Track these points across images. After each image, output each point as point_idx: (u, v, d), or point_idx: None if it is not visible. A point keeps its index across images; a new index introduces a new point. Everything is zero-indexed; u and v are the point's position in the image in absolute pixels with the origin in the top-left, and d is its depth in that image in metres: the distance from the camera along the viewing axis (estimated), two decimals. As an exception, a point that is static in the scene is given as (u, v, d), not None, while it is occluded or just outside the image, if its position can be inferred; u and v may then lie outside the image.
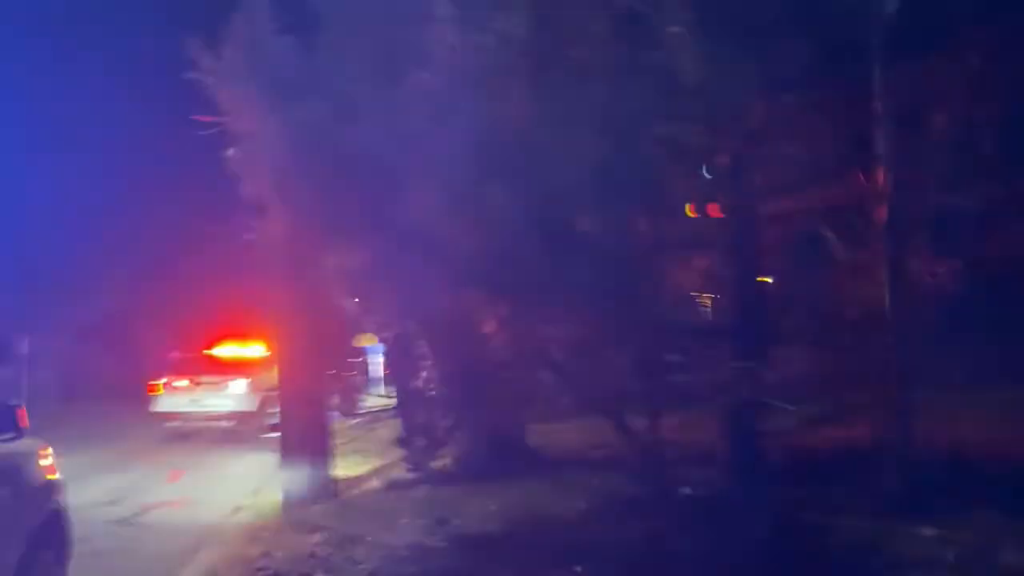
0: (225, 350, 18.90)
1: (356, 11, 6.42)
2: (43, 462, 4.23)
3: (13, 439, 3.58)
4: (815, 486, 6.19)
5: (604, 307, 6.08)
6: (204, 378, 17.53)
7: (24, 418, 3.62)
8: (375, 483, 8.61)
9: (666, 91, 5.99)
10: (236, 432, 17.11)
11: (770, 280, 7.92)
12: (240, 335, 19.27)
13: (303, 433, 7.82)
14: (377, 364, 22.57)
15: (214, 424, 17.22)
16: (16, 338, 26.91)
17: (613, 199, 6.05)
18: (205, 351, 18.90)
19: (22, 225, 22.08)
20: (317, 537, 6.23)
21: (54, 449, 4.33)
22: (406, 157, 5.83)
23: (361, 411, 18.41)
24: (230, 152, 8.09)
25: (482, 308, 7.24)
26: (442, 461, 9.22)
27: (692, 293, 8.01)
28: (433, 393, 9.98)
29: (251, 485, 11.04)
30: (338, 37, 6.41)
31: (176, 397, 17.45)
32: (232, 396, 17.41)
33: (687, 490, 6.41)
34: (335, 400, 18.11)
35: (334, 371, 18.31)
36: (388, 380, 14.50)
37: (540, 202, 5.68)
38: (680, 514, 5.96)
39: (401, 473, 9.01)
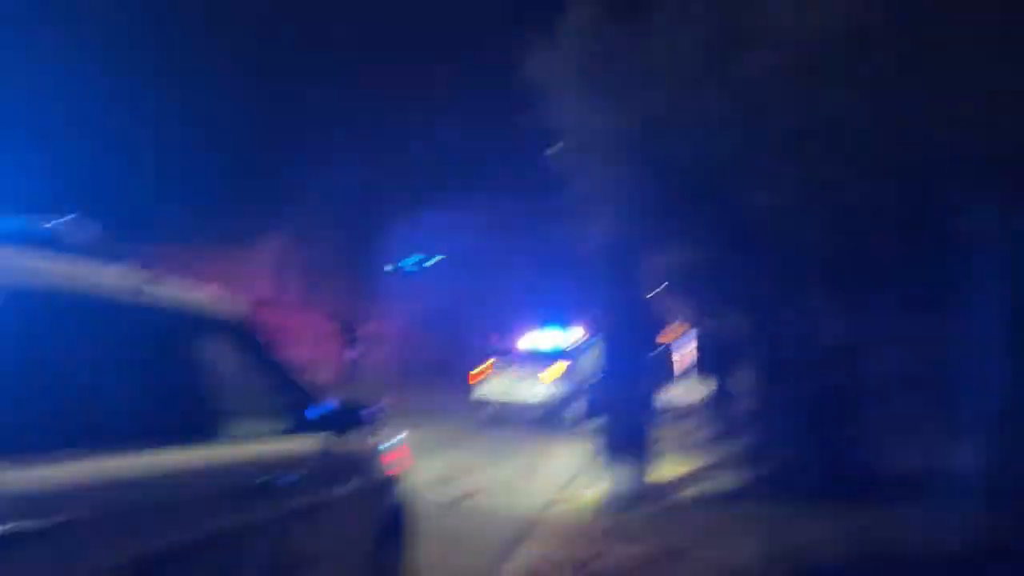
0: (539, 342, 19.53)
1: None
2: (391, 455, 4.32)
3: (371, 434, 3.66)
4: None
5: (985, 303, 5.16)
6: (518, 368, 18.19)
7: (383, 416, 3.67)
8: (692, 490, 8.19)
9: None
10: (546, 421, 17.60)
11: None
12: (554, 328, 19.83)
13: (626, 434, 7.61)
14: (681, 358, 22.16)
15: (526, 413, 17.84)
16: (357, 323, 29.92)
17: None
18: (520, 342, 19.66)
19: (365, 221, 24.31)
20: (638, 549, 5.95)
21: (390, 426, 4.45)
22: (742, 146, 5.37)
23: (666, 406, 18.14)
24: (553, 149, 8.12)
25: (821, 308, 6.58)
26: (764, 470, 8.59)
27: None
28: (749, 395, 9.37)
29: (563, 477, 11.11)
30: (667, 23, 6.09)
31: (493, 385, 18.30)
32: (543, 387, 17.90)
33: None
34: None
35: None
36: (700, 374, 13.99)
37: (903, 190, 4.93)
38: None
39: (719, 480, 8.52)
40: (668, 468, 9.08)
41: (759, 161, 5.20)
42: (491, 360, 19.04)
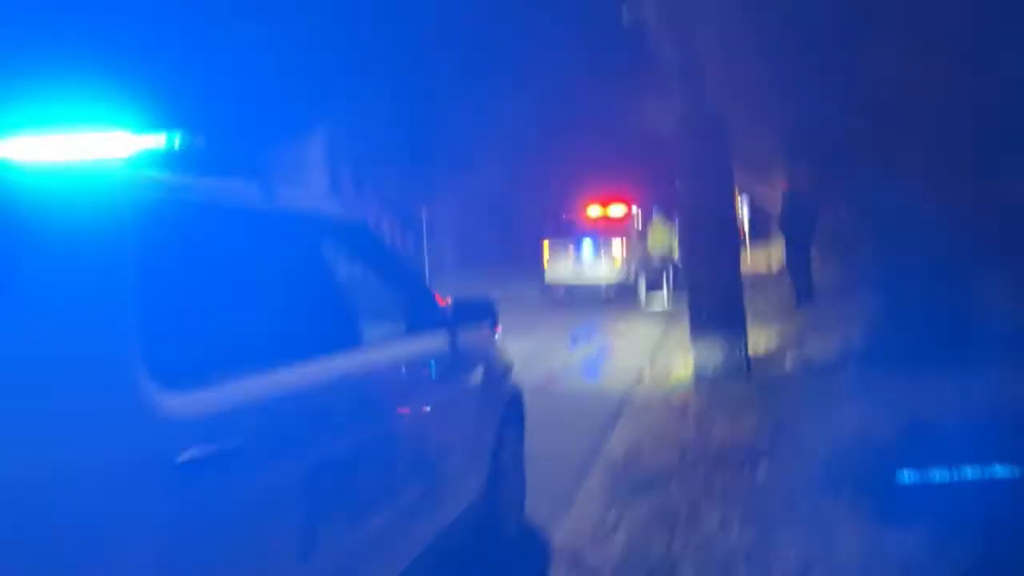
0: (604, 217, 19.25)
1: None
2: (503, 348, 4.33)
3: (493, 330, 3.68)
4: None
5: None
6: (585, 246, 18.07)
7: (497, 310, 3.67)
8: (789, 360, 8.12)
9: None
10: (616, 299, 17.62)
11: None
12: (620, 203, 19.51)
13: (715, 305, 7.49)
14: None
15: (594, 291, 17.86)
16: (418, 208, 29.91)
17: None
18: (586, 217, 19.38)
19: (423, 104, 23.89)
20: (747, 423, 5.94)
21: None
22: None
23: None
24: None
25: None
26: (858, 336, 8.45)
27: None
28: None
29: (645, 354, 11.16)
30: None
31: (560, 265, 18.27)
32: (610, 265, 17.82)
33: None
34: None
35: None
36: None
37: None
38: None
39: (814, 349, 8.42)
40: (758, 337, 8.99)
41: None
42: (556, 236, 18.87)
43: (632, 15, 7.75)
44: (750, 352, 7.87)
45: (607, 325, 14.91)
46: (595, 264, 17.95)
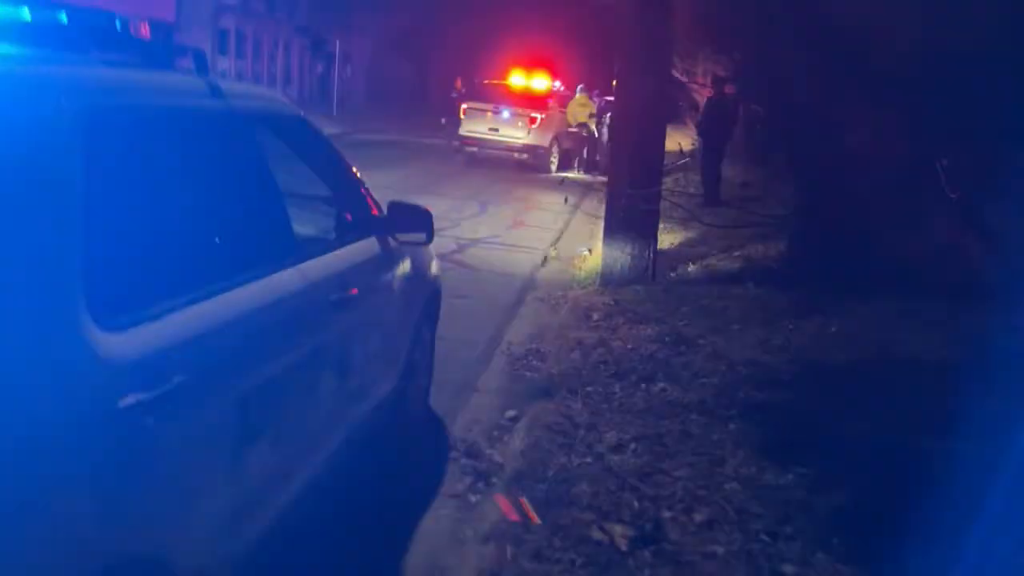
0: (525, 84, 19.02)
1: None
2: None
3: (427, 240, 3.62)
4: None
5: None
6: (503, 109, 17.85)
7: (431, 218, 3.60)
8: (692, 268, 8.33)
9: None
10: (528, 164, 17.58)
11: None
12: (542, 72, 19.24)
13: (631, 212, 7.54)
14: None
15: (508, 154, 17.75)
16: (329, 39, 28.49)
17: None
18: (508, 82, 19.11)
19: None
20: (650, 332, 6.11)
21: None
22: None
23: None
24: None
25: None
26: (764, 250, 8.73)
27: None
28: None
29: (553, 232, 11.26)
30: None
31: (477, 123, 18.00)
32: (527, 130, 17.70)
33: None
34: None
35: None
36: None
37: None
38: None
39: (719, 259, 8.66)
40: (664, 238, 9.16)
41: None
42: (474, 98, 18.62)
43: None
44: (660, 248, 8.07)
45: (519, 192, 14.90)
46: (511, 127, 17.79)
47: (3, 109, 1.71)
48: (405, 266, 3.89)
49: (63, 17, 2.18)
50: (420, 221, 3.58)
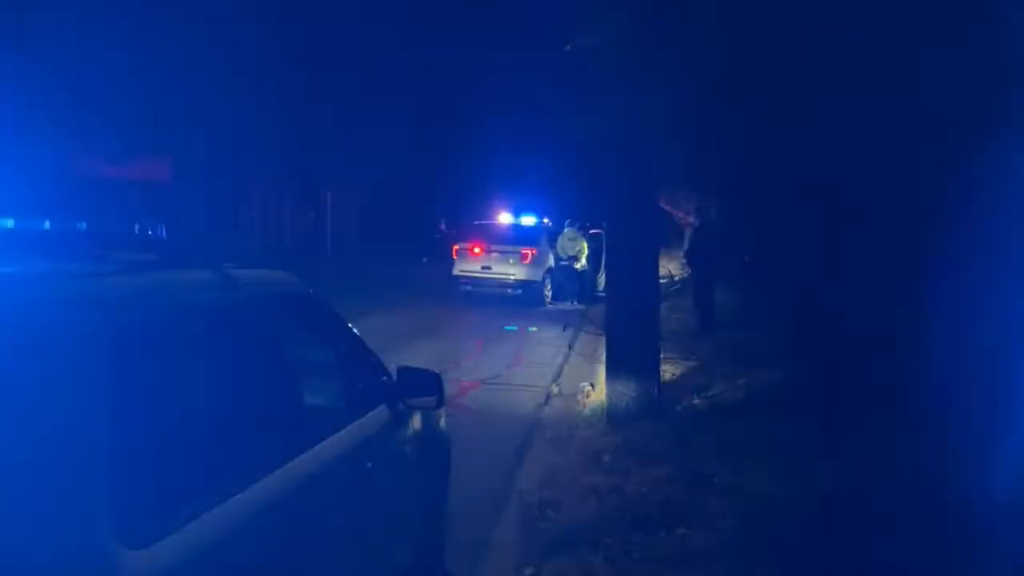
0: (515, 226, 19.54)
1: None
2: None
3: (438, 404, 3.60)
4: None
5: None
6: (495, 247, 18.19)
7: (441, 381, 3.59)
8: (698, 401, 8.28)
9: None
10: (522, 299, 17.75)
11: None
12: (531, 213, 19.85)
13: (632, 349, 7.57)
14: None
15: (502, 290, 17.94)
16: (321, 188, 29.25)
17: None
18: (497, 221, 19.61)
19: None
20: (663, 472, 6.01)
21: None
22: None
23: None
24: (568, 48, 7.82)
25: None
26: (767, 376, 8.71)
27: None
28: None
29: (553, 368, 11.23)
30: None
31: (469, 262, 18.28)
32: (519, 266, 17.98)
33: None
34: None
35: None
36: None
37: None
38: None
39: (723, 388, 8.63)
40: (666, 368, 9.14)
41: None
42: (468, 238, 19.00)
43: (577, 44, 7.78)
44: (662, 380, 8.03)
45: (517, 327, 14.94)
46: (504, 264, 18.09)
47: (35, 330, 1.73)
48: (416, 428, 3.86)
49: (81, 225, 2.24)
50: (429, 385, 3.58)
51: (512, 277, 18.04)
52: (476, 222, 19.90)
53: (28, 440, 1.63)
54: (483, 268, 18.20)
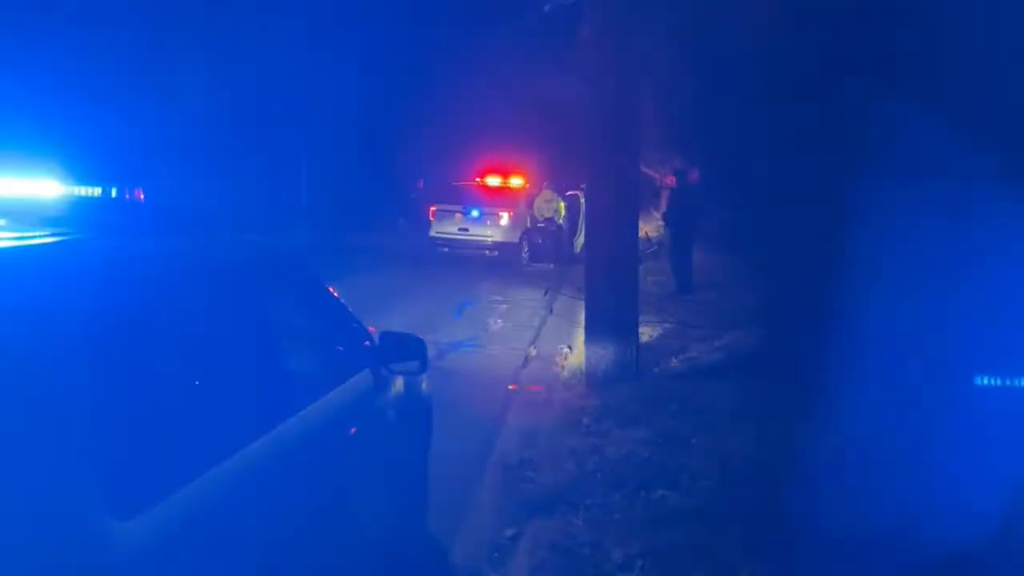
0: (492, 182, 19.38)
1: None
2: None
3: (422, 369, 3.60)
4: None
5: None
6: (472, 208, 18.12)
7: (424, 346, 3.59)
8: (675, 362, 8.34)
9: None
10: (499, 260, 17.74)
11: None
12: (507, 170, 19.67)
13: (610, 310, 7.59)
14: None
15: (479, 252, 17.90)
16: (296, 150, 28.91)
17: None
18: (475, 182, 19.46)
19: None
20: (641, 434, 6.06)
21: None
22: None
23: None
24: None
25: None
26: (745, 338, 8.76)
27: None
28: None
29: (531, 330, 11.25)
30: None
31: (446, 224, 18.21)
32: (496, 227, 17.94)
33: None
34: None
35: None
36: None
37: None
38: None
39: (700, 351, 8.69)
40: (643, 330, 9.17)
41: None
42: (444, 199, 18.87)
43: (556, 2, 7.69)
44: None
45: (493, 289, 14.93)
46: (481, 226, 18.04)
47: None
48: (398, 391, 3.86)
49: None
50: (413, 349, 3.56)
51: (489, 239, 18.01)
52: (454, 183, 19.72)
53: (18, 413, 1.60)
54: (460, 230, 18.14)
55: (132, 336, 1.95)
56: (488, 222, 18.02)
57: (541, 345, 10.14)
